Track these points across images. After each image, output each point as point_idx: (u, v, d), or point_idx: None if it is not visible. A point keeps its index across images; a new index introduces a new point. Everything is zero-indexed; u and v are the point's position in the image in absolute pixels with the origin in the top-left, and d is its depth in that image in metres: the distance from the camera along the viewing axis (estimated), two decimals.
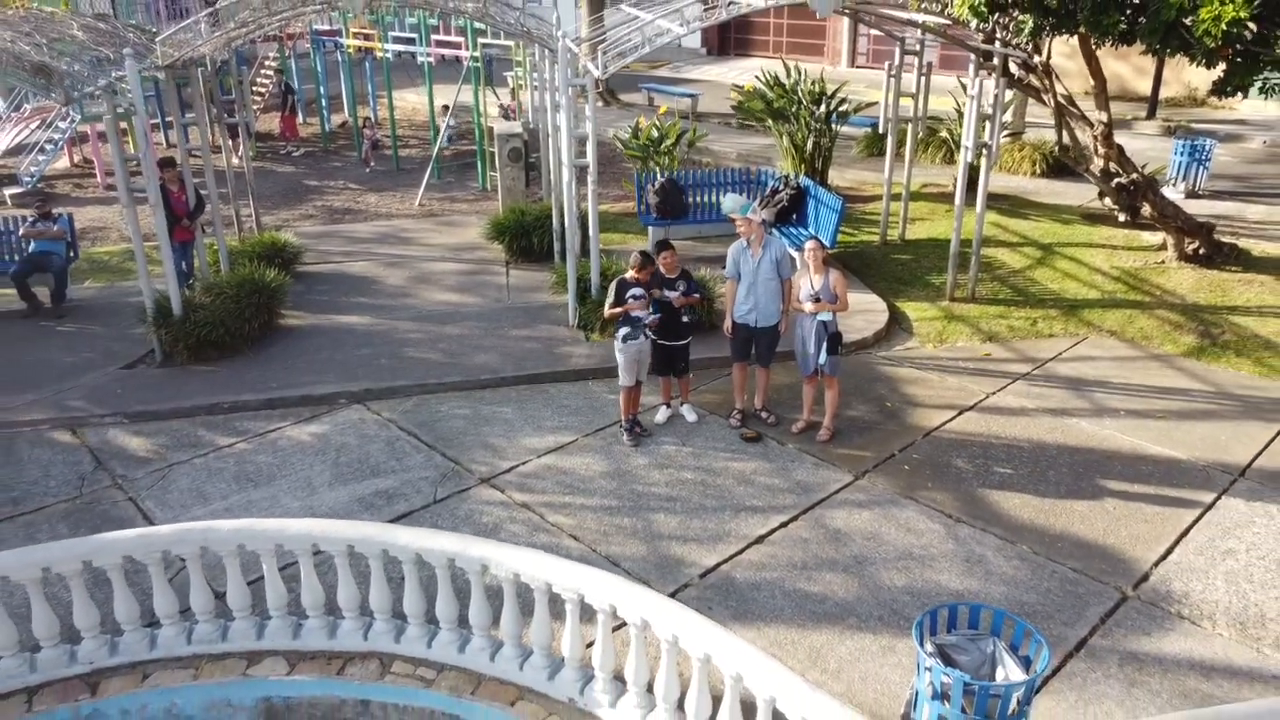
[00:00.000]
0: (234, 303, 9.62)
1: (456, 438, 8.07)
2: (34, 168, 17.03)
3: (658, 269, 7.79)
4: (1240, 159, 17.12)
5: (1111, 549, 6.48)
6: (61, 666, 5.51)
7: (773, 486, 7.28)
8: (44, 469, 7.78)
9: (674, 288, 7.84)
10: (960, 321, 10.16)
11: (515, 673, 5.35)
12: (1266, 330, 9.61)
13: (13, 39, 8.19)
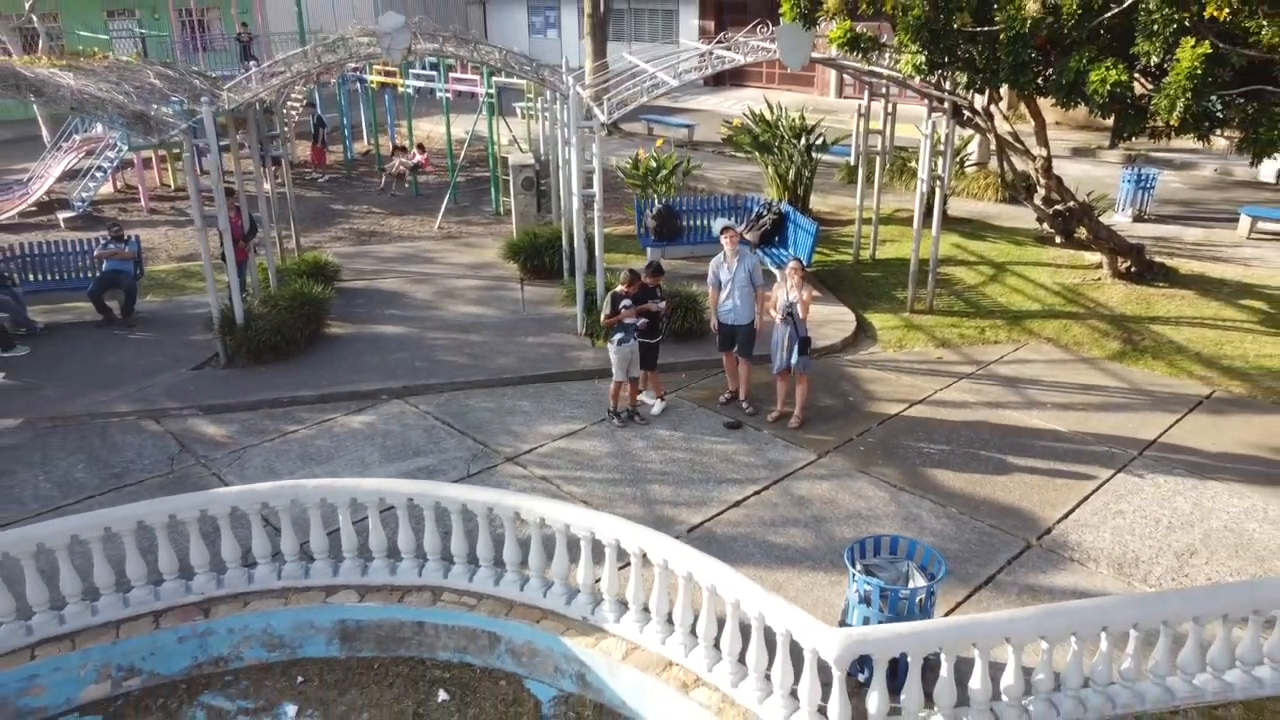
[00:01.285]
0: (288, 313, 11.12)
1: (484, 425, 9.54)
2: (84, 193, 18.57)
3: (645, 284, 9.30)
4: (1190, 186, 18.69)
5: (1024, 510, 7.94)
6: (180, 596, 6.94)
7: (749, 464, 8.75)
8: (137, 451, 9.25)
9: (657, 298, 9.37)
10: (918, 330, 11.65)
11: (540, 599, 6.78)
12: (1180, 337, 11.10)
13: (108, 89, 9.72)
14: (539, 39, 38.49)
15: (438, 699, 6.55)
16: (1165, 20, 7.60)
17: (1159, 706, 5.72)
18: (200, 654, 6.86)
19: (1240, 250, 14.36)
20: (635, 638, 6.40)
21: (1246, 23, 7.47)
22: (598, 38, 25.10)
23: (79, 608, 6.69)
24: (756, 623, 5.68)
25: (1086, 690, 5.74)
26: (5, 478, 8.82)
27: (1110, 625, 5.61)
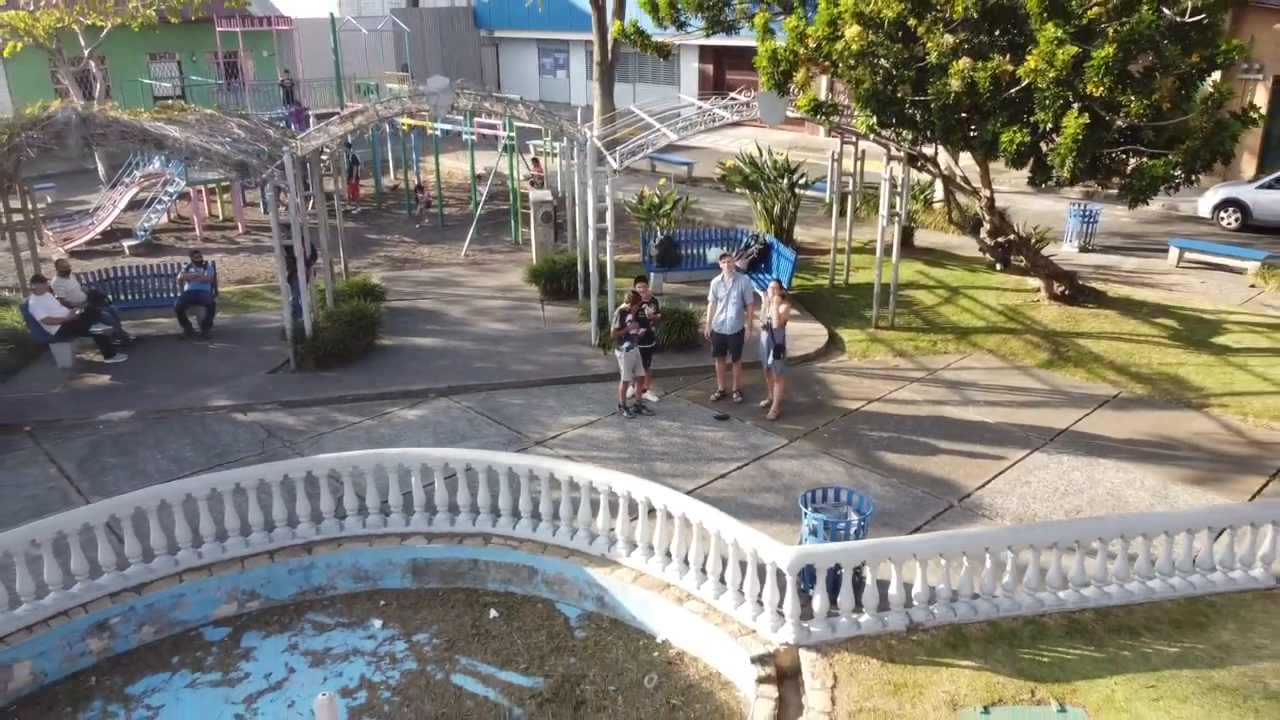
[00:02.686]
0: (348, 327, 13.21)
1: (516, 418, 11.59)
2: (146, 223, 20.74)
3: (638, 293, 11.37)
4: (1138, 220, 20.82)
5: (951, 481, 9.96)
6: (288, 539, 8.95)
7: (734, 446, 10.78)
8: (233, 437, 11.29)
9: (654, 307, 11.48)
10: (880, 343, 13.72)
11: (568, 541, 8.78)
12: (1099, 349, 13.16)
13: (210, 140, 11.87)
14: (548, 79, 40.96)
15: (489, 616, 8.54)
16: (1055, 96, 9.73)
17: (1031, 612, 7.70)
18: (304, 583, 8.87)
19: (1168, 277, 16.45)
20: (641, 567, 8.41)
21: (1120, 98, 9.59)
22: (606, 81, 27.44)
23: (213, 546, 8.71)
24: (732, 549, 7.69)
25: (977, 600, 7.73)
26: (129, 456, 10.87)
27: (991, 547, 7.63)
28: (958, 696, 6.85)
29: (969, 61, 10.18)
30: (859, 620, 7.49)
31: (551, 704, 7.47)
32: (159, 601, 8.39)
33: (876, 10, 10.81)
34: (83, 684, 7.86)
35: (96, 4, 23.36)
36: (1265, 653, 7.24)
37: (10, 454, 10.99)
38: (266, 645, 8.32)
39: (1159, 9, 9.85)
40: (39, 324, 13.00)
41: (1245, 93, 22.88)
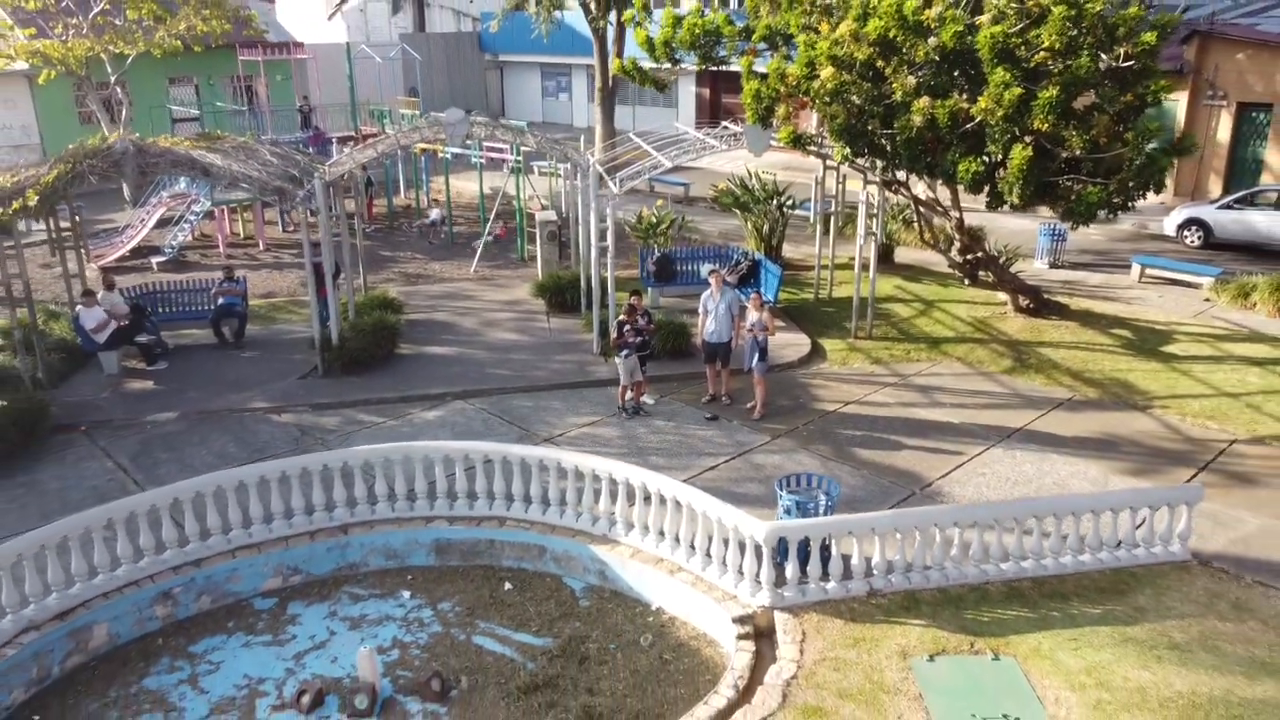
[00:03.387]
0: (371, 336, 14.44)
1: (525, 418, 12.79)
2: (173, 241, 22.00)
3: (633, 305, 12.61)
4: (1108, 238, 22.09)
5: (915, 473, 11.15)
6: (326, 521, 10.14)
7: (722, 443, 11.98)
8: (270, 435, 12.49)
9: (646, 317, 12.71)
10: (859, 352, 14.94)
11: (574, 522, 9.97)
12: (1058, 356, 14.38)
13: (248, 167, 13.13)
14: (551, 101, 42.39)
15: (504, 588, 9.72)
16: (1003, 131, 10.99)
17: (976, 581, 8.88)
18: (341, 560, 10.05)
19: (1129, 292, 17.69)
20: (638, 545, 9.59)
21: (1063, 133, 10.85)
22: (607, 106, 28.78)
23: (261, 527, 9.89)
24: (716, 526, 8.87)
25: (929, 570, 8.92)
26: (177, 452, 12.08)
27: (939, 523, 8.82)
28: (908, 648, 8.03)
29: (929, 100, 11.45)
30: (826, 587, 8.68)
31: (560, 659, 8.65)
32: (215, 575, 9.58)
33: (849, 53, 12.10)
34: (151, 644, 9.04)
35: (125, 34, 24.69)
36: (1174, 614, 8.42)
37: (70, 451, 12.19)
38: (309, 613, 9.49)
39: (1097, 55, 11.13)
40: (88, 334, 14.22)
41: (1212, 118, 24.26)
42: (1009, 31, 11.09)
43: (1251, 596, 8.73)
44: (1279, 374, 13.58)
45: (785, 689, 7.61)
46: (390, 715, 8.07)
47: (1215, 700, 7.29)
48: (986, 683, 7.65)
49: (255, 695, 8.38)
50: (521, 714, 8.02)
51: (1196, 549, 9.41)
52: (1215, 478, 10.98)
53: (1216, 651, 7.90)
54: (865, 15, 12.04)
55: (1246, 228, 20.12)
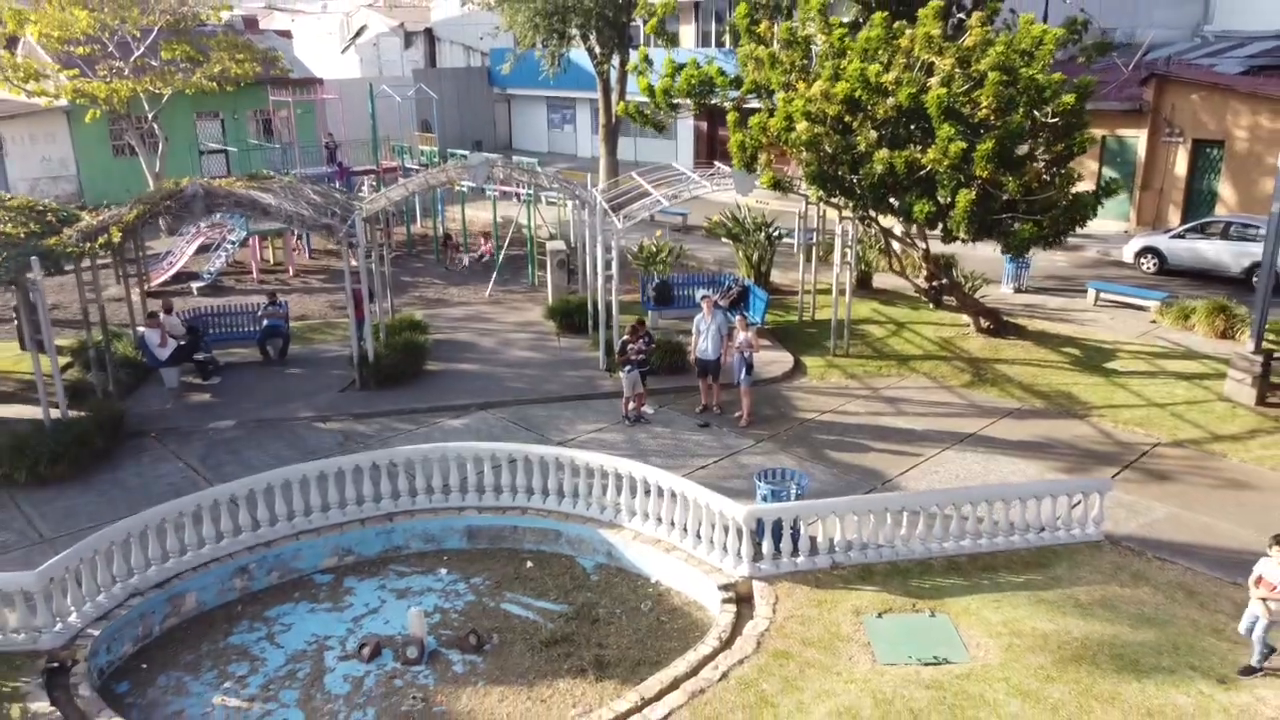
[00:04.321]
0: (403, 354, 16.28)
1: (541, 425, 14.60)
2: (211, 267, 23.88)
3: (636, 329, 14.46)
4: (1073, 264, 23.95)
5: (878, 470, 12.93)
6: (374, 510, 11.92)
7: (712, 446, 13.77)
8: (318, 440, 14.29)
9: (647, 339, 14.54)
10: (836, 368, 16.76)
11: (585, 511, 11.74)
12: (1012, 372, 16.20)
13: (296, 207, 15.00)
14: (556, 132, 44.48)
15: (526, 566, 11.49)
16: (950, 177, 12.87)
17: (922, 556, 10.65)
18: (387, 544, 11.83)
19: (1084, 314, 19.53)
20: (640, 529, 11.37)
21: (1001, 178, 12.73)
22: (610, 141, 30.79)
23: (319, 514, 11.68)
24: (705, 511, 10.66)
25: (882, 548, 10.69)
26: (238, 454, 13.87)
27: (889, 507, 10.61)
28: (861, 608, 9.79)
29: (888, 151, 13.33)
30: (795, 560, 10.45)
31: (574, 621, 10.41)
32: (282, 554, 11.36)
33: (821, 109, 14.00)
34: (232, 610, 10.81)
35: (165, 76, 26.71)
36: (1083, 582, 10.19)
37: (145, 453, 14.00)
38: (362, 586, 11.27)
39: (1030, 113, 13.03)
40: (153, 351, 16.07)
41: (1170, 154, 26.22)
42: (955, 93, 13.01)
43: (1149, 569, 10.49)
44: (1204, 387, 15.39)
45: (759, 639, 9.37)
46: (436, 664, 9.82)
47: (1104, 643, 9.05)
48: (923, 633, 9.41)
49: (323, 649, 10.14)
50: (544, 663, 9.77)
51: (1110, 532, 11.17)
52: (1135, 475, 12.77)
53: (1113, 609, 9.67)
54: (835, 77, 13.97)
55: (1196, 255, 21.98)
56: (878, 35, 14.30)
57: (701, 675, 8.91)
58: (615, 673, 9.53)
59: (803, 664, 8.96)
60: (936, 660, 8.97)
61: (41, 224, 14.39)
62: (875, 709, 8.28)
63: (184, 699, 9.45)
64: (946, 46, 13.69)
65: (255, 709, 9.30)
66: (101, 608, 9.98)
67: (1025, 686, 8.49)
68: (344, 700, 9.36)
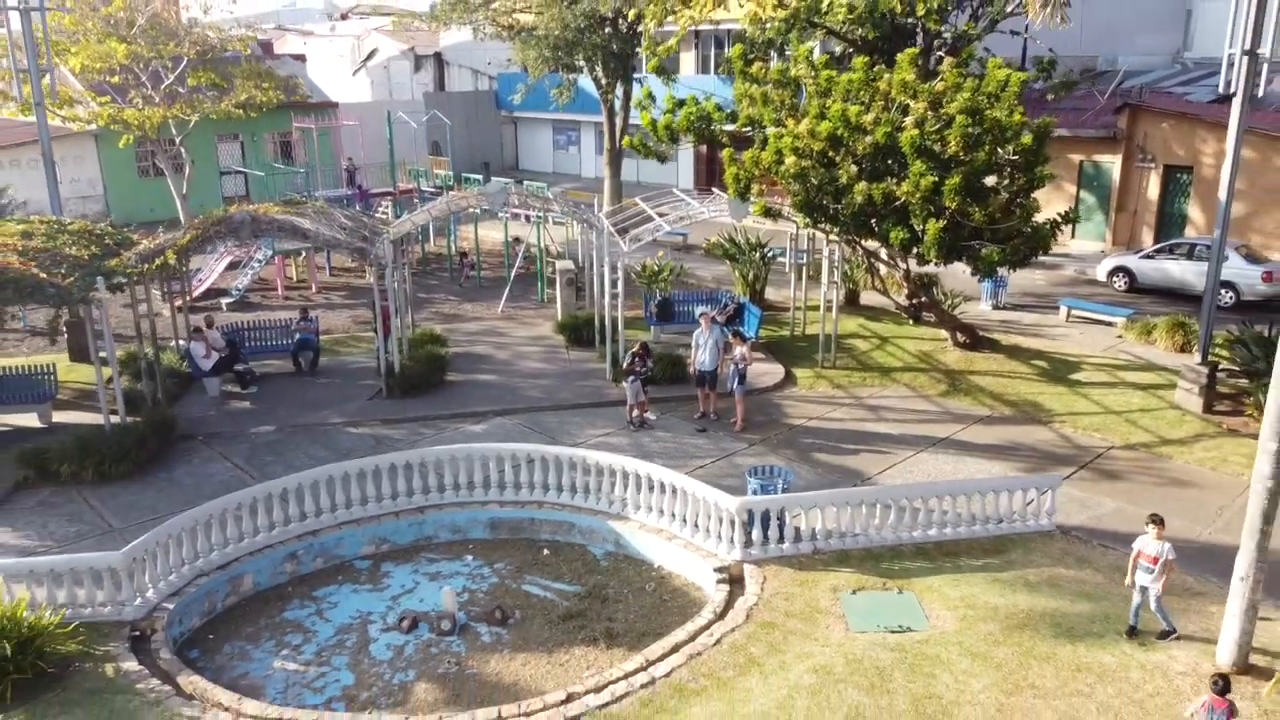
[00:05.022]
0: (426, 365, 17.75)
1: (553, 429, 16.05)
2: (239, 284, 25.37)
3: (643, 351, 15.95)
4: (1050, 282, 25.45)
5: (859, 470, 14.37)
6: (407, 503, 13.35)
7: (709, 449, 15.22)
8: (352, 443, 15.73)
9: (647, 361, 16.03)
10: (824, 379, 18.23)
11: (595, 505, 13.17)
12: (984, 383, 17.66)
13: (333, 232, 16.49)
14: (561, 153, 46.12)
15: (543, 553, 12.92)
16: (921, 208, 14.39)
17: (893, 544, 12.06)
18: (418, 534, 13.26)
19: (1056, 330, 21.01)
20: (645, 520, 12.80)
21: (968, 209, 14.25)
22: (614, 164, 32.36)
23: (358, 507, 13.11)
24: (702, 503, 12.09)
25: (858, 535, 12.12)
26: (280, 455, 15.31)
27: (864, 500, 12.05)
28: (838, 586, 11.22)
29: (867, 183, 14.85)
30: (781, 547, 11.88)
31: (586, 599, 11.83)
32: (326, 542, 12.79)
33: (807, 145, 15.52)
34: (283, 590, 12.23)
35: (194, 103, 28.31)
36: (1034, 565, 11.62)
37: (196, 455, 15.45)
38: (398, 570, 12.69)
39: (994, 151, 14.55)
40: (197, 363, 17.54)
41: (1143, 179, 27.77)
42: (927, 133, 14.54)
43: (1094, 554, 11.92)
44: (1158, 396, 16.84)
45: (749, 611, 10.79)
46: (466, 635, 11.24)
47: (1046, 614, 10.47)
48: (891, 607, 10.83)
49: (366, 623, 11.56)
50: (561, 634, 11.18)
51: (1061, 523, 12.60)
52: (1089, 474, 14.22)
53: (1057, 587, 11.09)
54: (821, 115, 15.50)
55: (1164, 274, 23.48)
56: (859, 78, 15.86)
57: (698, 641, 10.33)
58: (623, 642, 10.95)
59: (785, 632, 10.38)
60: (901, 629, 10.39)
61: (100, 246, 15.93)
62: (846, 667, 9.70)
63: (247, 664, 10.87)
64: (921, 90, 15.25)
65: (310, 671, 10.73)
66: (173, 585, 11.40)
67: (975, 649, 9.91)
68: (388, 664, 10.78)
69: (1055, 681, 9.37)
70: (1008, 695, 9.21)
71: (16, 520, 13.41)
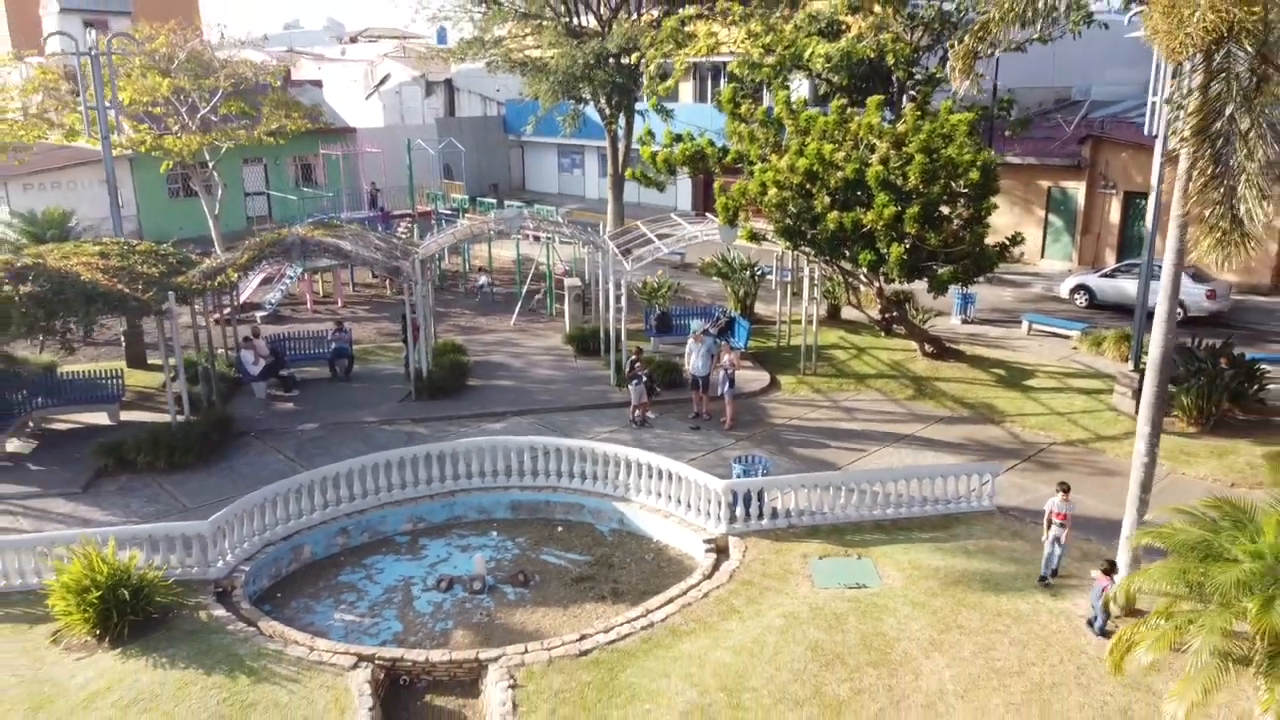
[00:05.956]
0: (450, 371, 19.93)
1: (564, 427, 18.20)
2: (273, 298, 27.54)
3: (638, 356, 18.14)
4: (1018, 299, 27.66)
5: (831, 461, 16.51)
6: (439, 488, 15.49)
7: (702, 444, 17.37)
8: (387, 438, 17.86)
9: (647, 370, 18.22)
10: (805, 384, 20.40)
11: (603, 489, 15.31)
12: (947, 388, 19.83)
13: (370, 253, 18.69)
14: (566, 175, 48.47)
15: (558, 530, 15.05)
16: (885, 234, 16.62)
17: (856, 520, 14.19)
18: (450, 513, 15.40)
19: (1018, 342, 23.20)
20: (646, 501, 14.93)
21: (926, 235, 16.48)
22: (616, 188, 34.58)
23: (398, 490, 15.25)
24: (693, 486, 14.23)
25: (825, 513, 14.25)
26: (325, 448, 17.44)
27: (830, 484, 14.20)
28: (807, 554, 13.34)
29: (839, 212, 17.08)
30: (761, 522, 14.01)
31: (595, 566, 13.96)
32: (371, 520, 14.92)
33: (787, 179, 17.76)
34: (336, 559, 14.36)
35: (230, 133, 30.61)
36: (974, 537, 13.75)
37: (250, 448, 17.59)
38: (433, 544, 14.82)
39: (948, 184, 16.78)
40: (247, 368, 19.72)
41: (1105, 204, 30.04)
42: (890, 169, 16.79)
43: (1026, 529, 14.03)
44: (1099, 400, 19.01)
45: (732, 573, 12.92)
46: (494, 594, 13.36)
47: (978, 574, 12.60)
48: (850, 569, 12.96)
49: (409, 584, 13.68)
50: (574, 593, 13.31)
51: (1002, 504, 14.72)
52: (1032, 465, 16.36)
53: (991, 554, 13.23)
54: (800, 153, 17.74)
55: (1120, 292, 25.66)
56: (833, 120, 18.14)
57: (689, 595, 12.47)
58: (626, 599, 13.06)
59: (762, 588, 12.51)
60: (858, 585, 12.52)
61: (166, 265, 18.15)
62: (810, 613, 11.83)
63: (312, 615, 13.00)
64: (885, 131, 17.51)
65: (366, 621, 12.86)
66: (246, 552, 13.54)
67: (916, 600, 12.04)
68: (429, 616, 12.91)
69: (979, 623, 11.51)
70: (939, 633, 11.34)
71: (103, 501, 15.55)
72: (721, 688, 10.47)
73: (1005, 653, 10.96)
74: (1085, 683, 10.40)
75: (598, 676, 10.79)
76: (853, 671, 10.70)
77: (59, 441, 18.02)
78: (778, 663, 10.86)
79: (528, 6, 31.25)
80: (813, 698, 10.28)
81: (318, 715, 10.27)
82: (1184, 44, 8.58)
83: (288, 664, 11.10)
